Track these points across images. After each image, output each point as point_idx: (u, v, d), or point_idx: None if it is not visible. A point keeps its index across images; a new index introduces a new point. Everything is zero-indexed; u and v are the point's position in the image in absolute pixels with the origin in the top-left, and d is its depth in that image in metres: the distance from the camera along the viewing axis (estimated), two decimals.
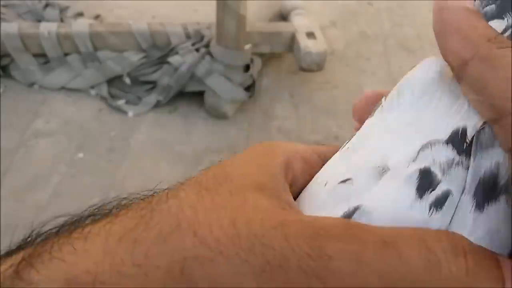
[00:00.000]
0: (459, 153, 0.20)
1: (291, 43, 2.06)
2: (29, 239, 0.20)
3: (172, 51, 1.93)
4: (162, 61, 1.79)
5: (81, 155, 1.48)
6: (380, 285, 0.17)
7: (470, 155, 0.20)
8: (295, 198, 0.22)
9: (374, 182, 0.21)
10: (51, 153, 1.48)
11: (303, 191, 0.23)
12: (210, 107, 1.66)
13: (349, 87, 2.05)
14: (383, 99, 0.23)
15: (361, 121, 0.24)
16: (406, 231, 0.18)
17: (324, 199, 0.22)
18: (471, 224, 0.19)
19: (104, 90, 1.70)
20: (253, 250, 0.17)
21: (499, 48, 0.18)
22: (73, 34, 1.91)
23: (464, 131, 0.20)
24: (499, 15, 0.21)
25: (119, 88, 1.72)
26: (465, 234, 0.19)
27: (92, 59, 1.76)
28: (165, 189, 0.21)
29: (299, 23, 2.11)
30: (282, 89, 1.89)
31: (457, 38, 0.19)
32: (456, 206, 0.19)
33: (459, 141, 0.20)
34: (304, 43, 1.98)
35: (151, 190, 0.21)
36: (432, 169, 0.20)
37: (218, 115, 1.65)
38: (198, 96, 1.67)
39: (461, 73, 0.19)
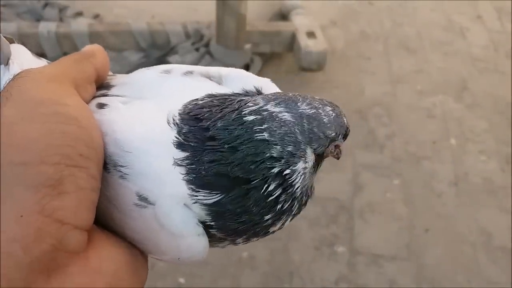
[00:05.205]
0: None
1: (291, 42, 2.05)
2: None
3: (172, 50, 1.92)
4: (161, 60, 1.79)
5: None
6: None
7: None
8: None
9: None
10: None
11: None
12: None
13: (349, 87, 2.04)
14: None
15: None
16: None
17: None
18: None
19: None
20: None
21: None
22: (72, 33, 1.91)
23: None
24: None
25: None
26: None
27: None
28: None
29: (299, 22, 2.10)
30: (282, 89, 1.88)
31: None
32: None
33: None
34: (305, 42, 1.98)
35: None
36: None
37: None
38: None
39: None
